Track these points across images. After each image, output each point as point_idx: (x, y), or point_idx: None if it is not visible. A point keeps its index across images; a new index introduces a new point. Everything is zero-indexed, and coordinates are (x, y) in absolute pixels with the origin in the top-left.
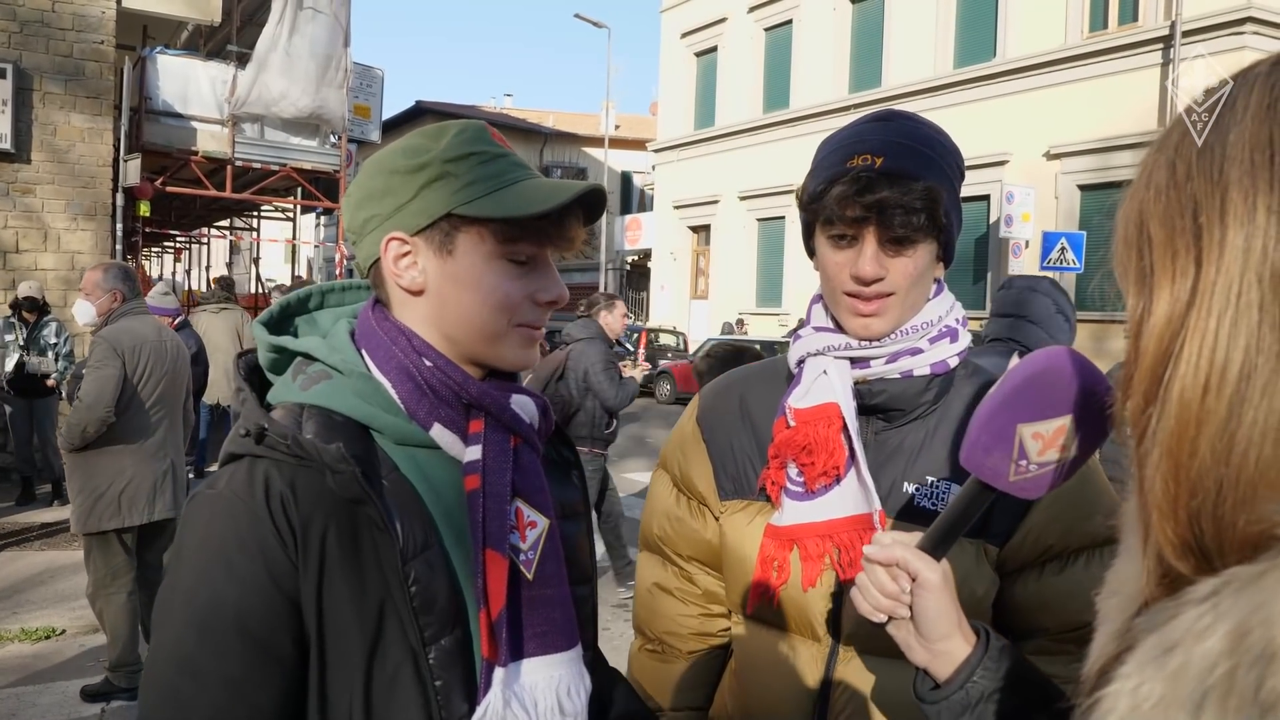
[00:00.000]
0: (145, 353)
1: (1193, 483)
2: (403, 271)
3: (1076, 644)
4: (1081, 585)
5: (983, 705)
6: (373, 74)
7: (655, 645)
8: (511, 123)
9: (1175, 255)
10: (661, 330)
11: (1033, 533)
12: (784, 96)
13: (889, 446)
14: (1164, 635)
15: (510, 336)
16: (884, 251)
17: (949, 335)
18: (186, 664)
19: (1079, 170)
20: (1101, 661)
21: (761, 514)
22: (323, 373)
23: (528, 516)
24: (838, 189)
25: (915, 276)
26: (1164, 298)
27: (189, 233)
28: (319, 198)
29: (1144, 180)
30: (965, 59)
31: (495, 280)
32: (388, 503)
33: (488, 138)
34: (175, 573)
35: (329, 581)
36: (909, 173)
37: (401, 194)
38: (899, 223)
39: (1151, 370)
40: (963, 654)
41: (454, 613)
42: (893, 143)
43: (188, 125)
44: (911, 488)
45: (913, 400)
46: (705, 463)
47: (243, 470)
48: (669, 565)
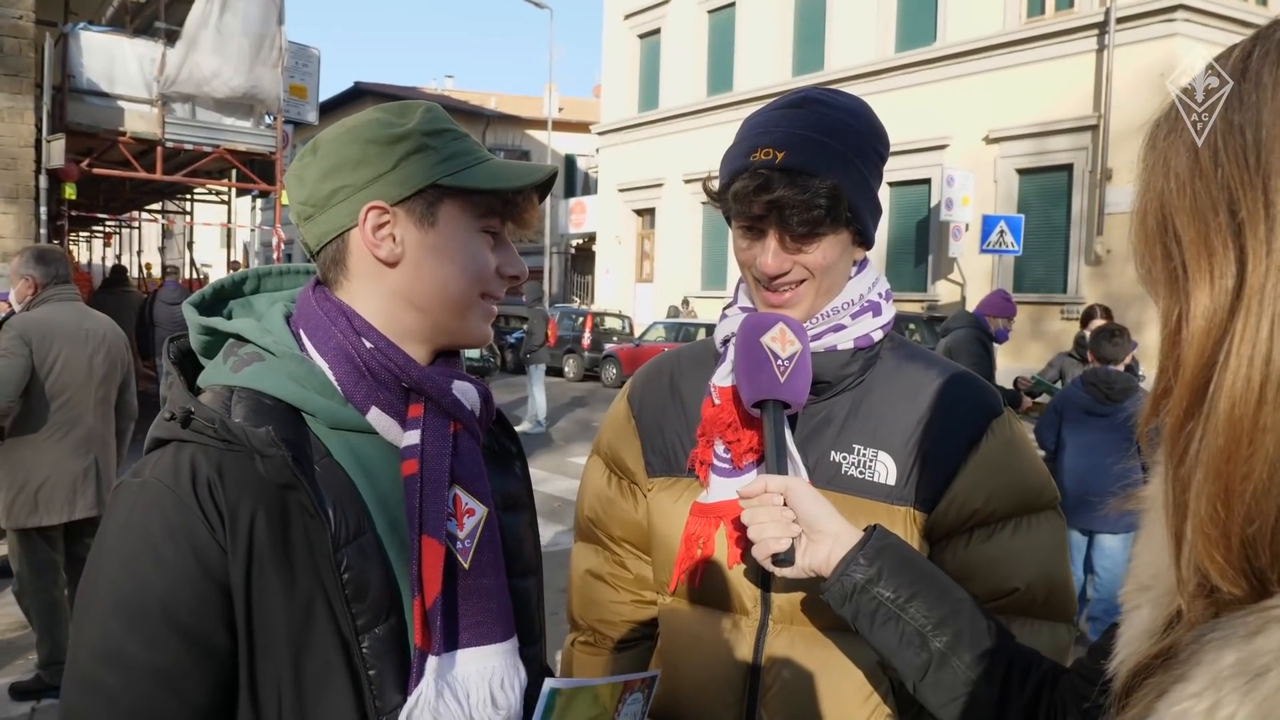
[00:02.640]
0: (58, 343)
1: (1248, 507)
2: (380, 241)
3: (1003, 612)
4: (1008, 553)
5: (858, 596)
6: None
7: (588, 636)
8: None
9: (1212, 254)
10: (607, 314)
11: (958, 498)
12: (727, 79)
13: (817, 419)
14: (1246, 654)
15: (477, 308)
16: (788, 246)
17: (871, 309)
18: (112, 656)
19: (1017, 154)
20: (1136, 660)
21: (689, 491)
22: (254, 354)
23: (465, 504)
24: (738, 184)
25: (825, 266)
26: (1203, 301)
27: (119, 216)
28: (254, 180)
29: (1160, 169)
30: (906, 43)
31: (474, 250)
32: (319, 488)
33: (451, 119)
34: (98, 563)
35: (258, 569)
36: (807, 169)
37: (380, 164)
38: (797, 221)
39: (1192, 382)
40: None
41: (388, 601)
42: (796, 135)
43: (114, 105)
44: (840, 457)
45: (837, 373)
46: (634, 440)
47: (168, 456)
48: (602, 551)
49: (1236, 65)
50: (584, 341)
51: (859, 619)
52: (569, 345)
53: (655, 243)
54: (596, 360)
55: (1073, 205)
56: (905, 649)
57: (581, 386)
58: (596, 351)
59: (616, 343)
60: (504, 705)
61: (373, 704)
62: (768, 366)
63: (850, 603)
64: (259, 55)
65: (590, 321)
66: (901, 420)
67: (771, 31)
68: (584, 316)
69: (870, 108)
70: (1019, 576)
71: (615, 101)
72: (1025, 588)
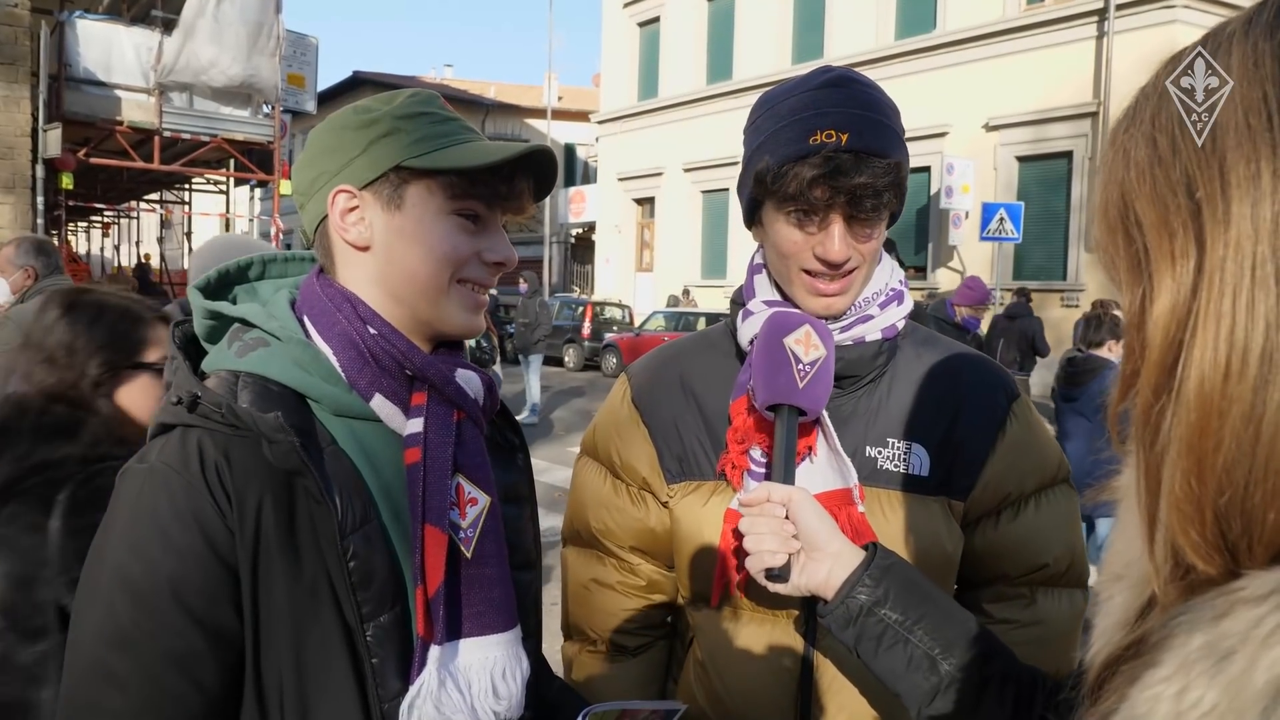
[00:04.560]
0: None
1: (1219, 478)
2: (349, 226)
3: (1030, 586)
4: (1034, 529)
5: (862, 619)
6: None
7: (598, 645)
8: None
9: (1173, 236)
10: (607, 303)
11: (992, 482)
12: (727, 68)
13: (844, 413)
14: (1214, 637)
15: (454, 295)
16: (854, 232)
17: (896, 299)
18: (122, 641)
19: (1017, 142)
20: (1109, 650)
21: (717, 495)
22: (259, 339)
23: (468, 493)
24: (806, 171)
25: (876, 251)
26: (1166, 283)
27: (116, 206)
28: (253, 170)
29: (1120, 160)
30: (906, 30)
31: (442, 233)
32: (327, 475)
33: (439, 103)
34: (103, 548)
35: (264, 554)
36: (876, 150)
37: (350, 149)
38: (870, 205)
39: (1160, 362)
40: (849, 572)
41: (392, 589)
42: (856, 116)
43: (111, 94)
44: (875, 451)
45: (866, 365)
46: (647, 445)
47: (174, 440)
48: (608, 559)
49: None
50: (584, 331)
51: (862, 642)
52: (569, 335)
53: (655, 232)
54: (597, 349)
55: (1072, 192)
56: (913, 673)
57: (582, 376)
58: (597, 341)
59: (617, 332)
60: (505, 695)
61: (375, 692)
62: (787, 369)
63: (854, 626)
64: (256, 44)
65: (590, 311)
66: (931, 409)
67: (771, 19)
68: (584, 306)
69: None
70: (1048, 551)
71: (615, 90)
72: (1053, 561)
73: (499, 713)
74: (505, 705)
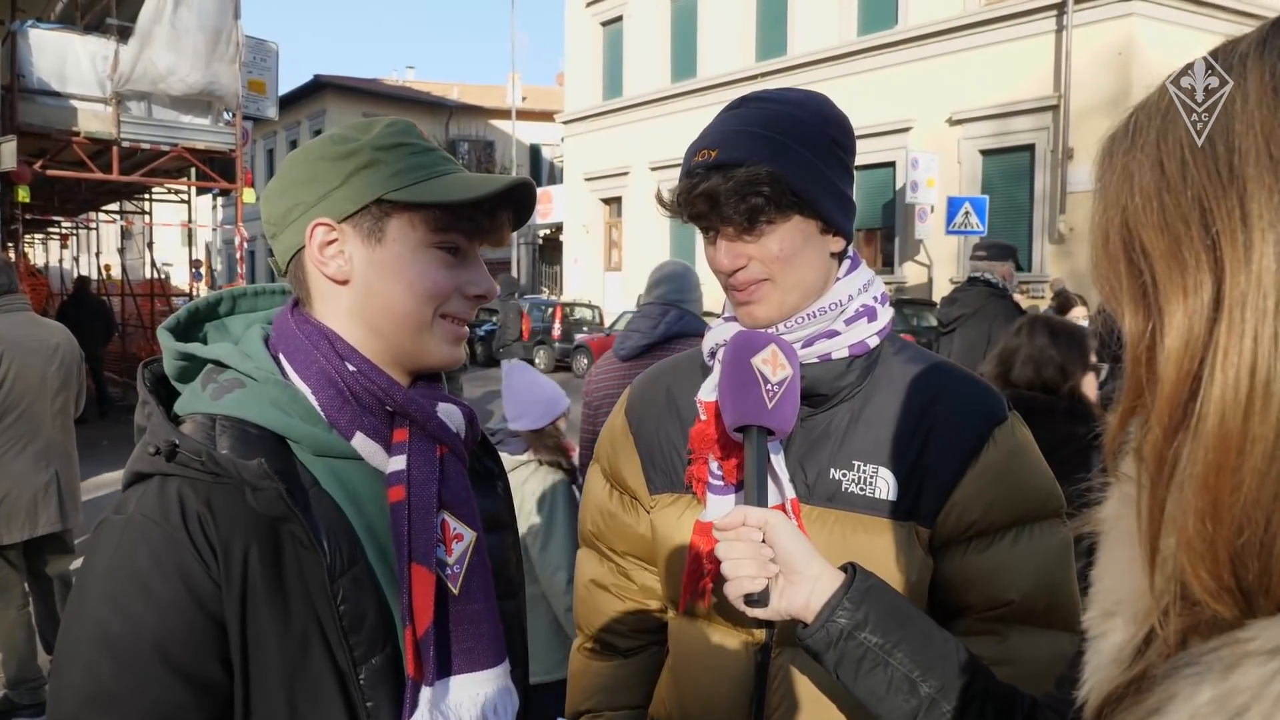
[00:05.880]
0: (8, 355)
1: (1237, 519)
2: (328, 260)
3: (1001, 622)
4: (1006, 563)
5: (843, 643)
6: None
7: (593, 644)
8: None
9: (1184, 268)
10: (577, 304)
11: (956, 508)
12: (691, 66)
13: (815, 432)
14: (1223, 691)
15: (436, 329)
16: (735, 239)
17: (866, 315)
18: (101, 698)
19: (980, 135)
20: (1106, 689)
21: (691, 508)
22: (235, 380)
23: (454, 529)
24: (680, 187)
25: (782, 257)
26: (1178, 317)
27: (75, 218)
28: (214, 179)
29: (1124, 184)
30: (868, 26)
31: (424, 268)
32: (314, 519)
33: (417, 132)
34: (82, 605)
35: (252, 606)
36: (735, 160)
37: (328, 180)
38: (731, 210)
39: (1173, 398)
40: (829, 595)
41: (383, 631)
42: (730, 132)
43: (67, 105)
44: (840, 474)
45: (833, 384)
46: (634, 457)
47: (153, 490)
48: (605, 561)
49: (1225, 66)
50: (554, 332)
51: (842, 666)
52: (539, 336)
53: (623, 231)
54: (568, 350)
55: (1035, 185)
56: (893, 695)
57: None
58: (567, 342)
59: (587, 333)
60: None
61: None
62: (755, 390)
63: (834, 649)
64: (215, 51)
65: (560, 312)
66: (901, 432)
67: (734, 17)
68: (554, 307)
69: (823, 98)
70: (1016, 588)
71: (579, 90)
72: (1021, 598)
73: None
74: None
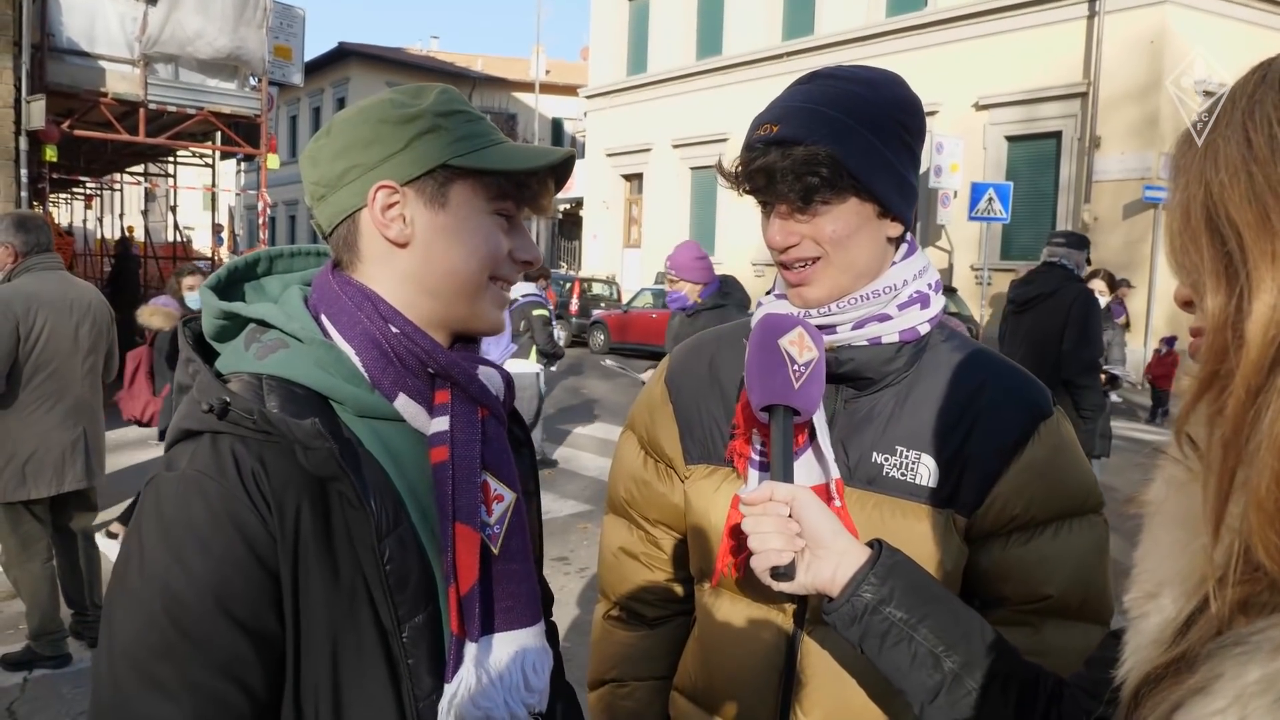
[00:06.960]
0: (43, 314)
1: None
2: (390, 222)
3: (1037, 615)
4: (1046, 557)
5: (868, 617)
6: (293, 14)
7: (620, 611)
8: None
9: (1274, 235)
10: (595, 280)
11: (999, 501)
12: (716, 43)
13: (859, 415)
14: (1271, 671)
15: (488, 292)
16: (790, 216)
17: (919, 301)
18: (166, 650)
19: (1007, 121)
20: (1145, 669)
21: (728, 482)
22: (279, 341)
23: (494, 490)
24: (739, 159)
25: (837, 239)
26: (1266, 282)
27: (100, 179)
28: (239, 143)
29: (1208, 161)
30: (897, 8)
31: (487, 233)
32: (364, 480)
33: (467, 101)
34: (135, 562)
35: (304, 561)
36: (795, 138)
37: (391, 143)
38: (787, 188)
39: (1258, 362)
40: (854, 569)
41: (425, 590)
42: (794, 108)
43: (95, 65)
44: (881, 458)
45: (881, 368)
46: (672, 425)
47: (205, 447)
48: (635, 529)
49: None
50: (571, 307)
51: (867, 640)
52: (557, 311)
53: (643, 208)
54: (584, 326)
55: (1061, 173)
56: (917, 670)
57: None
58: (584, 317)
59: (604, 309)
60: (536, 688)
61: (410, 692)
62: (782, 370)
63: (859, 624)
64: (243, 15)
65: (578, 287)
66: (945, 420)
67: None
68: (572, 282)
69: (896, 79)
70: (1054, 583)
71: (603, 65)
72: (1059, 593)
73: (531, 705)
74: (536, 698)
